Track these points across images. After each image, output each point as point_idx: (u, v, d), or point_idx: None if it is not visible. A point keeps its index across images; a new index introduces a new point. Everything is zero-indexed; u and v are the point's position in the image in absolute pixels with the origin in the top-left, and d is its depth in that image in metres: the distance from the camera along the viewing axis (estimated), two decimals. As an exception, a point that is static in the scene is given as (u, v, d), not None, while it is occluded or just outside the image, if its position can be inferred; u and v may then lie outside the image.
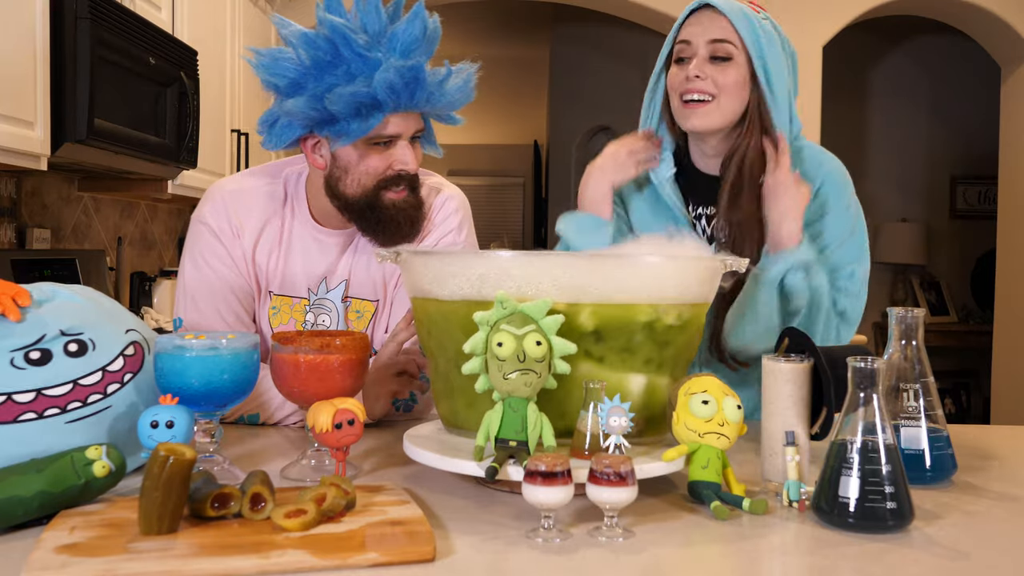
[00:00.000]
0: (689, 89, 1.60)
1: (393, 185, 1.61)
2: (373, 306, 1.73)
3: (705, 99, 1.59)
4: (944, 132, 6.52)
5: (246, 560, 0.93)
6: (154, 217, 4.12)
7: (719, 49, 1.59)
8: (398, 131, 1.58)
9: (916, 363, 1.30)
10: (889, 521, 1.08)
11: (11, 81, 2.36)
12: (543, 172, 8.41)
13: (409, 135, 1.61)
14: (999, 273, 5.32)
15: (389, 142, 1.60)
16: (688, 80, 1.60)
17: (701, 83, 1.59)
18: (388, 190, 1.61)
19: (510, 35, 7.59)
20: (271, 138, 1.62)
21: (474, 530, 1.07)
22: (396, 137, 1.59)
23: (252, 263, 1.70)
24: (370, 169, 1.61)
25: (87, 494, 1.10)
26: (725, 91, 1.59)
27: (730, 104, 1.60)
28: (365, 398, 1.59)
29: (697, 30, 1.61)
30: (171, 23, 3.30)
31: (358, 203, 1.63)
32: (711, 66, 1.59)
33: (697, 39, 1.60)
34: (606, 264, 1.21)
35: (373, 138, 1.58)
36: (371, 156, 1.60)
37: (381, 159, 1.60)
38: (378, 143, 1.59)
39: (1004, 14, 4.96)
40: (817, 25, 4.93)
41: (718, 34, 1.59)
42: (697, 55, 1.60)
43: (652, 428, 1.28)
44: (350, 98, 1.52)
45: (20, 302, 1.22)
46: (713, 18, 1.61)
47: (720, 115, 1.60)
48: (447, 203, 1.76)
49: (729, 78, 1.59)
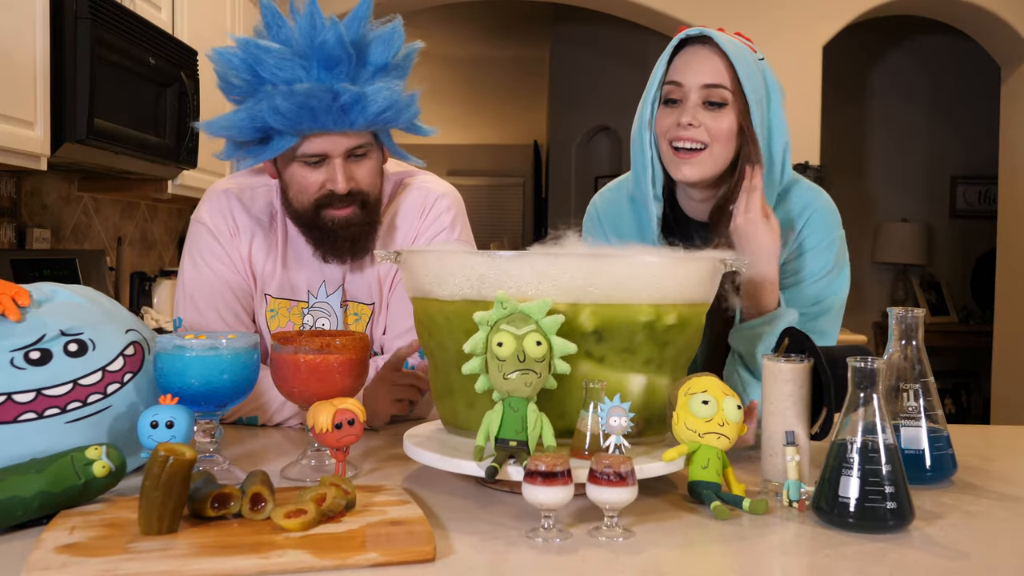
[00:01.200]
0: (680, 137, 1.49)
1: (328, 204, 1.59)
2: (369, 309, 1.73)
3: (697, 147, 1.49)
4: (944, 132, 6.52)
5: (246, 560, 0.93)
6: (154, 217, 4.12)
7: (713, 94, 1.48)
8: (320, 150, 1.55)
9: (916, 363, 1.30)
10: (889, 521, 1.08)
11: (11, 81, 2.36)
12: (543, 172, 8.41)
13: (339, 154, 1.56)
14: (999, 273, 5.32)
15: (322, 162, 1.57)
16: (680, 127, 1.49)
17: (694, 131, 1.48)
18: (327, 208, 1.59)
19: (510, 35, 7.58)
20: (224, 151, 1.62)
21: (474, 530, 1.07)
22: (325, 156, 1.56)
23: (249, 263, 1.70)
24: (304, 187, 1.59)
25: (87, 494, 1.10)
26: (718, 139, 1.48)
27: (723, 152, 1.49)
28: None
29: (690, 72, 1.49)
30: (171, 23, 3.30)
31: (302, 219, 1.63)
32: (704, 112, 1.48)
33: (689, 82, 1.49)
34: (606, 264, 1.21)
35: (301, 157, 1.56)
36: (305, 174, 1.58)
37: (313, 178, 1.58)
38: (306, 162, 1.57)
39: (1004, 14, 4.96)
40: (817, 25, 4.93)
41: (712, 78, 1.48)
42: (688, 99, 1.49)
43: (652, 428, 1.28)
44: (242, 123, 1.50)
45: (20, 302, 1.22)
46: (708, 57, 1.49)
47: (712, 164, 1.50)
48: (438, 202, 1.74)
49: (723, 125, 1.48)
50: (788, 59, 4.87)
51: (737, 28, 1.66)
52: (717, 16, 4.91)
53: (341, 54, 1.50)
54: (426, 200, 1.74)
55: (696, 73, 1.49)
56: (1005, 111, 5.29)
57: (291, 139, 1.53)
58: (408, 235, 1.72)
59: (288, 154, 1.58)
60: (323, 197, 1.59)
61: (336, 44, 1.49)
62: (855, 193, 6.33)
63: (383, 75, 1.57)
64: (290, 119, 1.49)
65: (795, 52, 4.89)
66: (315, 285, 1.71)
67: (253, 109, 1.51)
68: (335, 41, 1.49)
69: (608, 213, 1.68)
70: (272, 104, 1.48)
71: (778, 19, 4.90)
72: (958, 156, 6.54)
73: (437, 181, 1.80)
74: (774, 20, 4.89)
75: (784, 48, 4.88)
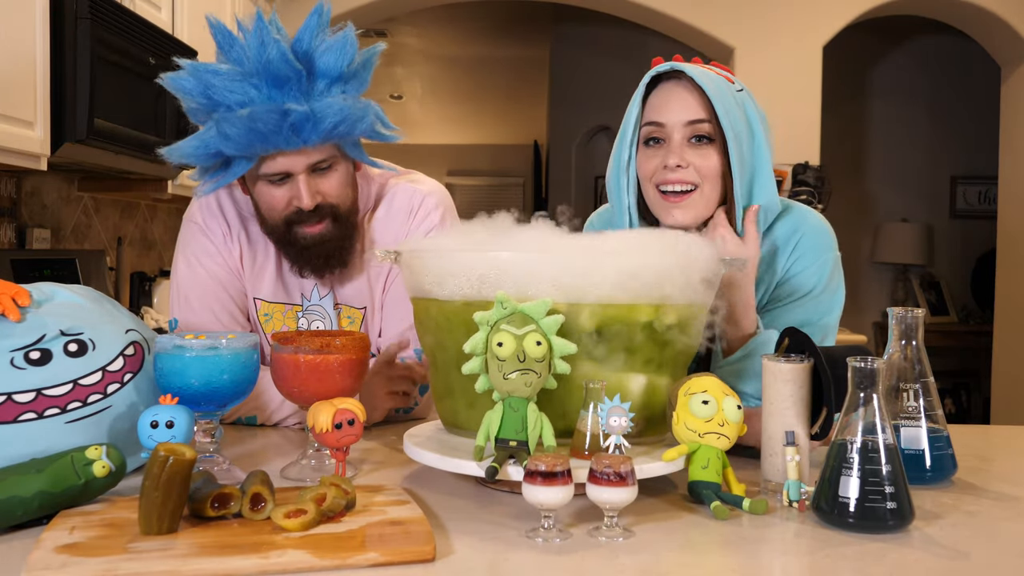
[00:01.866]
0: (668, 180, 1.43)
1: (298, 220, 1.57)
2: (361, 313, 1.73)
3: (687, 189, 1.43)
4: (944, 132, 6.52)
5: (246, 560, 0.93)
6: (154, 217, 4.12)
7: (699, 129, 1.42)
8: (281, 169, 1.52)
9: (916, 363, 1.30)
10: (889, 521, 1.08)
11: (11, 81, 2.36)
12: (543, 172, 8.41)
13: (302, 170, 1.53)
14: (999, 273, 5.32)
15: (284, 178, 1.54)
16: (667, 169, 1.42)
17: (683, 172, 1.42)
18: (298, 224, 1.58)
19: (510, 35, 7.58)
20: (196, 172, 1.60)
21: (474, 530, 1.07)
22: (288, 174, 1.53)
23: (241, 262, 1.70)
24: (271, 205, 1.58)
25: (87, 494, 1.10)
26: (708, 178, 1.43)
27: (714, 191, 1.44)
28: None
29: (669, 111, 1.43)
30: (171, 23, 3.30)
31: (275, 235, 1.62)
32: (691, 151, 1.43)
33: (671, 120, 1.43)
34: (606, 264, 1.21)
35: (263, 177, 1.54)
36: (271, 192, 1.56)
37: (279, 196, 1.56)
38: (272, 180, 1.55)
39: (1004, 14, 4.96)
40: (817, 25, 4.93)
41: (695, 114, 1.42)
42: (672, 139, 1.43)
43: (652, 428, 1.28)
44: (196, 150, 1.49)
45: (20, 302, 1.22)
46: (686, 93, 1.43)
47: (704, 205, 1.44)
48: (425, 201, 1.73)
49: (711, 161, 1.42)
50: (788, 59, 4.87)
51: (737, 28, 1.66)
52: (717, 16, 4.91)
53: (288, 72, 1.45)
54: (413, 200, 1.73)
55: (677, 111, 1.43)
56: (1005, 111, 5.29)
57: (248, 162, 1.51)
58: (398, 237, 1.71)
59: (252, 173, 1.56)
60: (292, 214, 1.57)
61: (280, 61, 1.44)
62: (855, 193, 6.33)
63: (340, 85, 1.52)
64: (240, 143, 1.46)
65: (795, 52, 4.89)
66: (307, 288, 1.71)
67: (204, 136, 1.48)
68: (279, 59, 1.44)
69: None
70: (220, 130, 1.45)
71: (778, 19, 4.89)
72: (958, 156, 6.54)
73: (423, 180, 1.79)
74: (774, 20, 4.89)
75: (784, 48, 4.88)
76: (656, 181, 1.45)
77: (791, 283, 1.52)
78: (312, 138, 1.48)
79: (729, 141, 1.42)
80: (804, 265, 1.51)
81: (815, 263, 1.51)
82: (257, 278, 1.70)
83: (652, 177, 1.46)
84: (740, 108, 1.44)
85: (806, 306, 1.51)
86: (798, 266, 1.51)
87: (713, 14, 4.91)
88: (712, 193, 1.44)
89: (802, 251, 1.51)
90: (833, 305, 1.52)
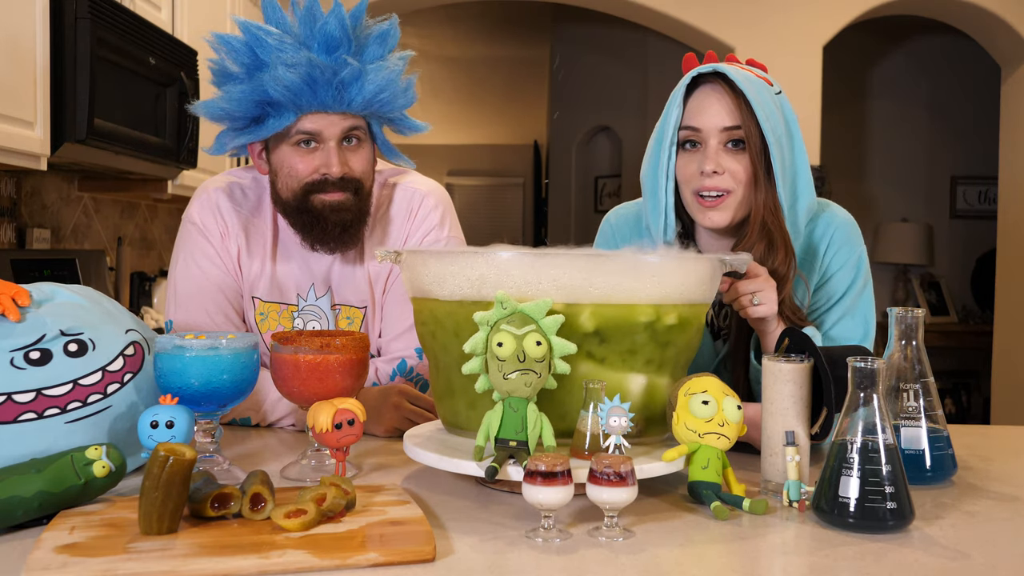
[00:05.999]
0: (705, 187, 1.46)
1: (320, 189, 1.59)
2: (361, 312, 1.72)
3: (723, 194, 1.47)
4: (944, 132, 6.51)
5: (246, 560, 0.93)
6: (154, 217, 4.12)
7: (734, 135, 1.45)
8: (316, 129, 1.56)
9: (916, 363, 1.30)
10: (889, 521, 1.08)
11: (11, 81, 2.36)
12: (543, 172, 8.42)
13: (335, 136, 1.58)
14: (999, 273, 5.32)
15: (315, 145, 1.58)
16: (704, 175, 1.46)
17: (719, 179, 1.45)
18: (318, 192, 1.60)
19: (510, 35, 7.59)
20: (215, 144, 1.63)
21: (474, 530, 1.07)
22: (320, 139, 1.58)
23: (238, 262, 1.70)
24: (295, 172, 1.59)
25: (87, 494, 1.10)
26: (742, 183, 1.46)
27: (748, 194, 1.47)
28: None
29: (707, 116, 1.46)
30: (171, 23, 3.30)
31: (289, 206, 1.62)
32: (726, 156, 1.46)
33: (707, 125, 1.45)
34: (606, 264, 1.21)
35: (295, 139, 1.57)
36: (296, 159, 1.59)
37: (306, 162, 1.59)
38: (301, 144, 1.58)
39: (1004, 14, 4.96)
40: (817, 25, 4.93)
41: (731, 120, 1.44)
42: (709, 144, 1.46)
43: (652, 428, 1.28)
44: (243, 95, 1.52)
45: (20, 302, 1.22)
46: (724, 97, 1.45)
47: (737, 207, 1.47)
48: (425, 200, 1.74)
49: (746, 165, 1.46)
50: (788, 59, 4.87)
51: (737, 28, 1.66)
52: (717, 16, 4.91)
53: (342, 37, 1.53)
54: (412, 200, 1.74)
55: (713, 116, 1.46)
56: (1005, 111, 5.29)
57: (289, 117, 1.54)
58: (398, 237, 1.72)
59: (281, 135, 1.59)
60: (314, 182, 1.59)
61: (338, 27, 1.52)
62: (855, 193, 6.33)
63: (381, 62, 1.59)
64: (292, 91, 1.51)
65: (795, 52, 4.89)
66: (304, 287, 1.70)
67: (254, 82, 1.52)
68: (337, 24, 1.52)
69: (623, 231, 1.67)
70: (275, 75, 1.49)
71: (778, 19, 4.89)
72: (958, 156, 6.54)
73: (422, 180, 1.80)
74: (774, 20, 4.89)
75: (784, 48, 4.88)
76: (694, 187, 1.48)
77: (830, 284, 1.55)
78: (357, 99, 1.55)
79: (770, 145, 1.43)
80: (840, 263, 1.54)
81: (851, 259, 1.55)
82: (255, 278, 1.70)
83: (690, 182, 1.49)
84: (780, 111, 1.46)
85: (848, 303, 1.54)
86: (834, 265, 1.54)
87: (713, 14, 4.91)
88: (747, 196, 1.47)
89: (835, 249, 1.55)
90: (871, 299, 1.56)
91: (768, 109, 1.44)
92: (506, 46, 7.92)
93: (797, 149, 1.48)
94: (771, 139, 1.43)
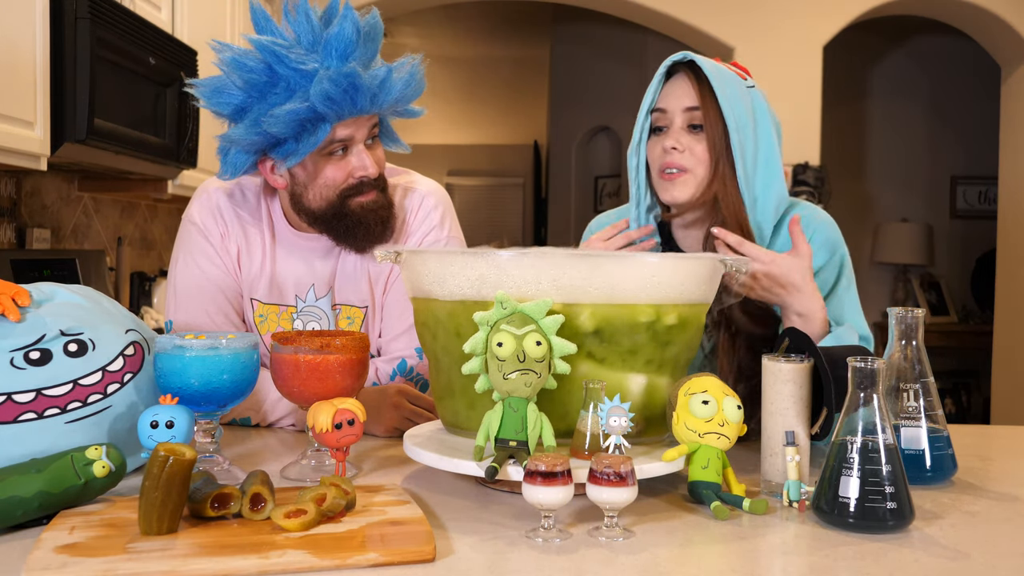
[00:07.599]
0: (667, 163, 1.52)
1: (357, 192, 1.60)
2: (362, 312, 1.72)
3: (683, 171, 1.52)
4: (944, 132, 6.52)
5: (246, 560, 0.93)
6: (154, 217, 4.12)
7: (695, 117, 1.51)
8: (349, 135, 1.56)
9: (916, 363, 1.30)
10: (889, 521, 1.08)
11: (11, 81, 2.36)
12: (543, 172, 8.41)
13: (363, 139, 1.59)
14: (999, 273, 5.32)
15: (344, 150, 1.58)
16: (665, 152, 1.52)
17: (679, 156, 1.51)
18: (354, 196, 1.60)
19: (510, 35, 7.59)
20: (225, 167, 1.60)
21: (474, 530, 1.07)
22: (350, 144, 1.58)
23: (238, 263, 1.70)
24: (329, 181, 1.59)
25: (87, 494, 1.10)
26: (702, 162, 1.51)
27: (707, 175, 1.51)
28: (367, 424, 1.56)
29: (672, 98, 1.53)
30: (171, 23, 3.30)
31: (324, 215, 1.62)
32: (688, 136, 1.52)
33: (672, 106, 1.53)
34: (606, 264, 1.21)
35: (325, 149, 1.57)
36: (328, 168, 1.58)
37: (338, 169, 1.59)
38: (332, 153, 1.58)
39: (1004, 14, 4.96)
40: (817, 25, 4.93)
41: (693, 101, 1.51)
42: (673, 124, 1.53)
43: (652, 428, 1.28)
44: (290, 116, 1.49)
45: (20, 302, 1.22)
46: (690, 81, 1.52)
47: (696, 184, 1.52)
48: (425, 200, 1.75)
49: (706, 147, 1.51)
50: (788, 59, 4.87)
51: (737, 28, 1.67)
52: (717, 16, 4.91)
53: (357, 40, 1.52)
54: (412, 201, 1.74)
55: (678, 98, 1.53)
56: (1005, 111, 5.29)
57: (326, 129, 1.53)
58: (399, 238, 1.72)
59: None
60: (351, 187, 1.60)
61: (354, 31, 1.51)
62: (855, 193, 6.33)
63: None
64: (336, 102, 1.49)
65: (795, 52, 4.89)
66: (303, 288, 1.70)
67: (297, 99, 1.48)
68: (353, 28, 1.51)
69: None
70: (320, 89, 1.47)
71: (778, 19, 4.89)
72: (958, 156, 6.54)
73: (422, 180, 1.80)
74: (774, 20, 4.89)
75: (784, 48, 4.88)
76: (658, 164, 1.54)
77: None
78: (387, 100, 1.56)
79: (731, 131, 1.48)
80: (820, 263, 1.54)
81: (833, 260, 1.55)
82: (254, 279, 1.70)
83: (656, 161, 1.55)
84: (746, 98, 1.51)
85: (832, 303, 1.54)
86: (815, 263, 1.53)
87: (713, 14, 4.91)
88: (705, 176, 1.52)
89: (816, 247, 1.54)
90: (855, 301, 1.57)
91: (732, 97, 1.49)
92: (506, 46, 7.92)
93: (763, 142, 1.51)
94: (732, 125, 1.48)
